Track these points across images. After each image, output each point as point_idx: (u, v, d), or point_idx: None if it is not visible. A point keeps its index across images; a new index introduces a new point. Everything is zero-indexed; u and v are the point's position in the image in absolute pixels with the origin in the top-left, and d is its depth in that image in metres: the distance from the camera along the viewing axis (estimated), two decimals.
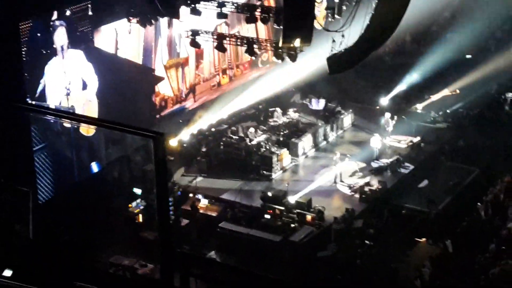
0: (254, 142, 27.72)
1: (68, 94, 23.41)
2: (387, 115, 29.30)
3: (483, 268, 19.21)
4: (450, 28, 33.99)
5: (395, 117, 29.25)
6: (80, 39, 23.70)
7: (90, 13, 23.81)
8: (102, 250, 21.56)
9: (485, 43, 33.57)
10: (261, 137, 28.05)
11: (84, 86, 24.06)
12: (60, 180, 23.29)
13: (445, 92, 31.45)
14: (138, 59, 26.82)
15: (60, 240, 19.53)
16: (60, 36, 22.88)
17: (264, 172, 27.00)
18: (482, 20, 33.10)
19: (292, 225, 23.24)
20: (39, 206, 21.44)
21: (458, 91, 31.34)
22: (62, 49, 22.95)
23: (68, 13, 23.06)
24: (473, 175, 25.41)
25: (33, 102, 21.64)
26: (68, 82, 23.38)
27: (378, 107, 31.38)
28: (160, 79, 27.81)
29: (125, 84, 25.77)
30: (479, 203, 22.59)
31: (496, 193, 23.00)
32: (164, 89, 28.21)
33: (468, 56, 33.15)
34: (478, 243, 20.72)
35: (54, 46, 22.76)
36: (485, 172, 25.64)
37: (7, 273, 7.68)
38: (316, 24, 21.18)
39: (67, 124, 22.39)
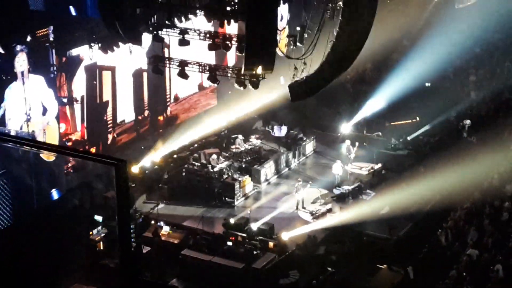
0: (216, 169, 27.65)
1: (28, 120, 23.20)
2: (348, 142, 29.52)
3: None
4: (410, 56, 34.42)
5: (357, 144, 29.47)
6: (42, 64, 23.56)
7: (51, 39, 23.72)
8: (62, 278, 21.27)
9: (444, 71, 34.03)
10: (223, 164, 27.99)
11: (44, 112, 23.88)
12: (20, 207, 22.99)
13: (405, 119, 31.79)
14: None
15: (20, 267, 19.25)
16: (21, 62, 22.73)
17: (226, 199, 26.97)
18: (441, 48, 33.61)
19: (255, 252, 23.18)
20: None
21: (418, 119, 31.71)
22: (23, 75, 22.78)
23: (29, 38, 22.93)
24: (433, 201, 25.59)
25: None
26: (29, 108, 23.18)
27: (339, 134, 31.59)
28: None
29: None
30: (439, 230, 22.77)
31: (456, 220, 23.21)
32: (124, 115, 28.10)
33: (428, 84, 33.58)
34: (438, 269, 20.86)
35: (15, 70, 22.59)
36: (445, 199, 25.84)
37: None
38: (278, 51, 21.27)
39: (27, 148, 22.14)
